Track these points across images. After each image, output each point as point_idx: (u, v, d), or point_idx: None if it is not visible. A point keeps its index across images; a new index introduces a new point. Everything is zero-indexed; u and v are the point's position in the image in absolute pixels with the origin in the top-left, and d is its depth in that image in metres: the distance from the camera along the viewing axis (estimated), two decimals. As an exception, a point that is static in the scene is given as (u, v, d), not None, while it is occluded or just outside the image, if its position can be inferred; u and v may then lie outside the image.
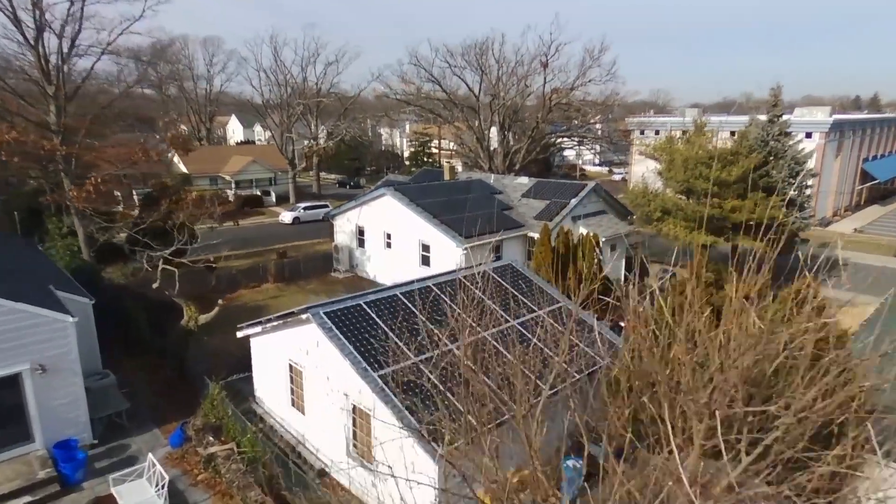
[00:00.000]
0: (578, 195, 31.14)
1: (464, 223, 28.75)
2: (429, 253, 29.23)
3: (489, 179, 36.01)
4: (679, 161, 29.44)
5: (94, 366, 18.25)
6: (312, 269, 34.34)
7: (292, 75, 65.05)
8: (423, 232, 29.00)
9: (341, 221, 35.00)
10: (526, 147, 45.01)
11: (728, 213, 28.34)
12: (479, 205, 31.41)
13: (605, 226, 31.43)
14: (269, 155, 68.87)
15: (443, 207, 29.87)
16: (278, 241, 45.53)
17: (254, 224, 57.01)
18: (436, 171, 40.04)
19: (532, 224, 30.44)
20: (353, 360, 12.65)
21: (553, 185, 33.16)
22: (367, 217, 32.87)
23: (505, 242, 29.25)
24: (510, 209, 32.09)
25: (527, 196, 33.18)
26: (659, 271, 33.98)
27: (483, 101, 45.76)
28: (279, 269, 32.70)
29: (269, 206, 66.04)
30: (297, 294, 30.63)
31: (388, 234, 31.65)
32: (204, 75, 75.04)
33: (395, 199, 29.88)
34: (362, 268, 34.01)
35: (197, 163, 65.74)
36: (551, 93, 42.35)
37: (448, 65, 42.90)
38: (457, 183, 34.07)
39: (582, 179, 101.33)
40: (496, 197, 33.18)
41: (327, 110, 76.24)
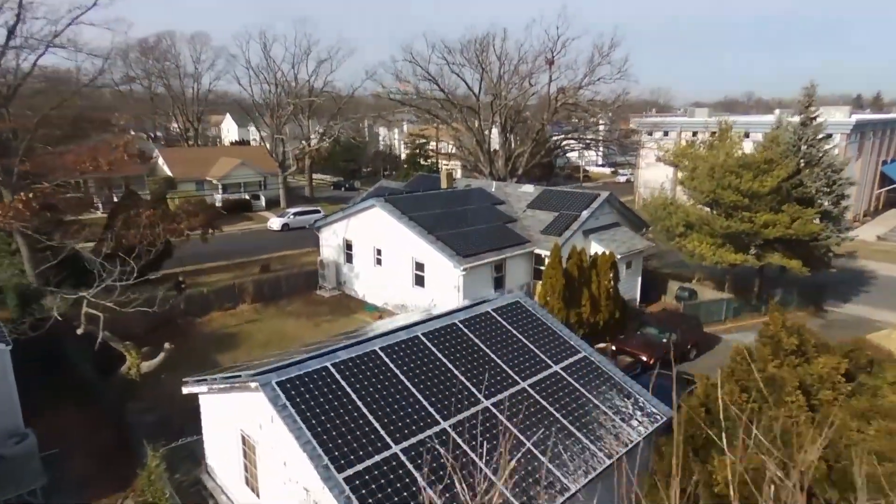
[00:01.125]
0: (590, 207, 27.91)
1: (463, 239, 25.52)
2: (423, 272, 26.03)
3: (490, 188, 32.78)
4: (704, 169, 26.20)
5: (11, 423, 15.02)
6: (296, 287, 31.11)
7: (282, 72, 61.82)
8: (416, 249, 25.79)
9: (327, 234, 31.77)
10: (530, 150, 41.78)
11: (760, 228, 25.13)
12: (479, 217, 28.18)
13: (620, 240, 28.20)
14: (258, 157, 65.62)
15: (439, 221, 26.64)
16: (264, 251, 42.31)
17: (240, 231, 53.78)
18: (432, 178, 36.81)
19: (539, 239, 27.21)
20: (312, 452, 9.42)
21: (561, 195, 29.91)
22: (355, 230, 29.64)
23: (508, 261, 26.03)
24: (514, 222, 28.86)
25: (532, 207, 29.94)
26: (677, 290, 30.81)
27: (483, 100, 42.55)
28: (258, 288, 29.46)
29: (258, 210, 62.82)
30: (275, 318, 27.39)
31: (377, 249, 28.43)
32: (191, 73, 71.74)
33: (386, 211, 26.65)
34: (350, 285, 30.79)
35: (182, 166, 62.59)
36: (557, 92, 39.13)
37: (446, 62, 39.75)
38: (454, 192, 30.84)
39: (585, 181, 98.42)
40: (498, 208, 29.94)
41: (321, 110, 73.03)
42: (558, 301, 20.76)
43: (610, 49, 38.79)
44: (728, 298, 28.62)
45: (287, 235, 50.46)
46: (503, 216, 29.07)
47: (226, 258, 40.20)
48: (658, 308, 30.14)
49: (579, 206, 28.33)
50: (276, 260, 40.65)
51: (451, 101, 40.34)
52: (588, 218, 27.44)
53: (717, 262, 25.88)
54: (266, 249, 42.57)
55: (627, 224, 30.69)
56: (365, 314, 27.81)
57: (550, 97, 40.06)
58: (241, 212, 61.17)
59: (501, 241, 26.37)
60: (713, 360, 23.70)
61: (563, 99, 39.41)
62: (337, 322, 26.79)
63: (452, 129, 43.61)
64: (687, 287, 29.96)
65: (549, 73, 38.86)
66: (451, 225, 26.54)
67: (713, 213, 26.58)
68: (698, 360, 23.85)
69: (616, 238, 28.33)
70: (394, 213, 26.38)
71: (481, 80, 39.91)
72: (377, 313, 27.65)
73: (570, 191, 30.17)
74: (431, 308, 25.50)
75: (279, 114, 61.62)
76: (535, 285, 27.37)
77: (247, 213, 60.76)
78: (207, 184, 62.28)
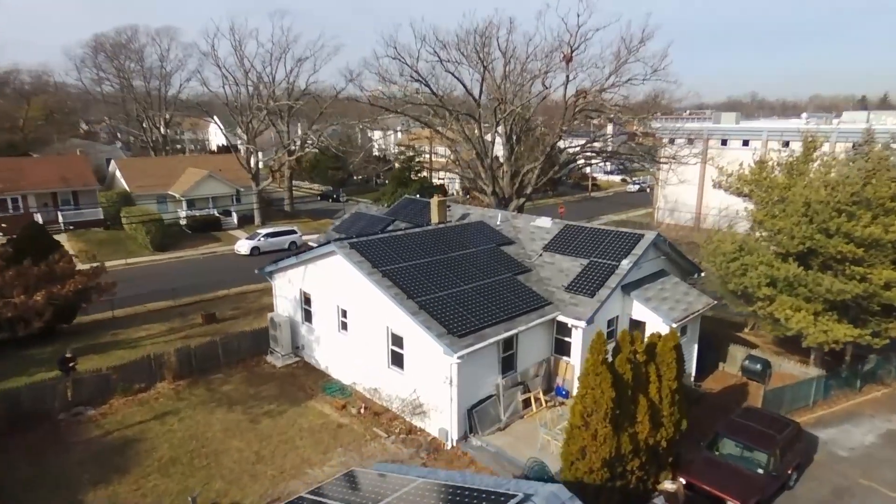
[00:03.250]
0: (631, 254, 20.44)
1: (457, 305, 18.05)
2: (402, 349, 18.58)
3: (495, 219, 25.32)
4: (798, 205, 18.71)
5: None
6: (240, 351, 23.66)
7: (256, 71, 54.34)
8: (392, 318, 18.34)
9: (281, 282, 24.30)
10: (541, 165, 34.33)
11: (880, 289, 17.67)
12: (480, 266, 20.72)
13: (672, 298, 20.76)
14: (230, 167, 58.12)
15: (424, 275, 19.18)
16: (220, 285, 34.88)
17: (203, 255, 46.36)
18: (420, 204, 29.35)
19: (562, 300, 19.76)
20: None
21: (590, 236, 22.40)
22: (314, 280, 22.19)
23: (521, 336, 18.56)
24: (526, 272, 21.38)
25: (551, 249, 22.47)
26: (745, 361, 23.34)
27: (485, 105, 35.11)
28: (183, 360, 21.95)
29: (228, 229, 55.39)
30: (199, 407, 19.86)
31: (342, 310, 20.98)
32: (156, 72, 64.16)
33: (350, 262, 19.17)
34: (310, 352, 23.32)
35: (141, 178, 55.13)
36: (576, 96, 31.71)
37: (438, 59, 32.30)
38: (447, 230, 23.34)
39: (594, 191, 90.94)
40: (505, 251, 22.48)
41: (302, 115, 65.64)
42: (605, 425, 13.33)
43: (640, 43, 31.37)
44: (818, 376, 21.12)
45: (256, 262, 43.02)
46: (512, 263, 21.58)
47: (171, 297, 32.85)
48: (715, 383, 22.68)
49: (616, 251, 20.85)
50: (231, 299, 33.25)
51: (444, 107, 32.89)
52: (630, 269, 19.99)
53: (822, 341, 18.34)
54: (223, 283, 35.14)
55: (674, 269, 23.27)
56: (325, 400, 20.34)
57: (567, 102, 32.59)
58: (210, 231, 53.84)
59: (511, 304, 18.91)
60: (819, 487, 16.30)
61: (582, 104, 31.94)
62: (284, 416, 19.30)
63: (447, 139, 36.14)
64: (758, 357, 22.47)
65: (566, 73, 31.44)
66: (440, 281, 19.08)
67: (809, 267, 19.04)
68: (798, 486, 16.45)
69: (666, 295, 20.86)
70: (361, 266, 18.91)
71: (482, 81, 32.50)
72: (341, 400, 20.18)
73: (602, 229, 22.66)
74: (414, 399, 18.05)
75: (251, 119, 54.17)
76: (557, 362, 19.93)
77: (217, 232, 53.39)
78: (170, 199, 54.85)
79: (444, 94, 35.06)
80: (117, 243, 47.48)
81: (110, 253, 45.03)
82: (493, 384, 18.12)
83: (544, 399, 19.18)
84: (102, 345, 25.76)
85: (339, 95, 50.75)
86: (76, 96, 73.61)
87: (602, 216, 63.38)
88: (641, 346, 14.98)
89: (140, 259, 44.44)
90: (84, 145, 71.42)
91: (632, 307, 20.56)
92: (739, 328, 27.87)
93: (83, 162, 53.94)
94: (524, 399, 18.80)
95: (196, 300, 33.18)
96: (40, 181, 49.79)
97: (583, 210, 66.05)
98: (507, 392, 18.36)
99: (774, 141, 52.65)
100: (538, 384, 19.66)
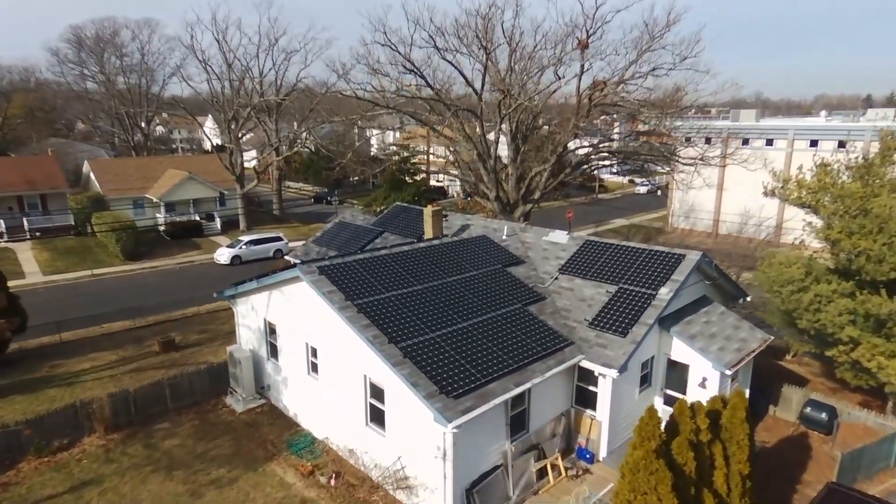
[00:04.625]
0: (671, 279, 16.41)
1: (453, 349, 14.04)
2: (382, 403, 14.56)
3: (500, 232, 21.30)
4: (879, 221, 14.67)
5: None
6: (192, 393, 19.67)
7: (241, 63, 50.31)
8: (371, 365, 14.32)
9: (244, 308, 20.29)
10: (551, 168, 30.30)
11: None
12: (483, 293, 16.71)
13: (721, 334, 16.74)
14: (216, 168, 54.11)
15: (412, 309, 15.17)
16: (190, 301, 30.92)
17: (179, 265, 42.40)
18: (414, 212, 25.35)
19: (588, 340, 15.74)
20: None
21: (618, 255, 18.34)
22: (279, 310, 18.18)
23: (535, 389, 14.52)
24: (540, 300, 17.36)
25: (569, 272, 18.43)
26: (807, 408, 19.30)
27: (488, 99, 31.10)
28: (120, 406, 17.95)
29: (211, 234, 51.43)
30: (130, 473, 15.84)
31: (312, 348, 16.97)
32: (137, 67, 60.10)
33: (319, 293, 15.14)
34: (276, 395, 19.32)
35: (117, 181, 51.13)
36: (592, 88, 27.68)
37: (435, 46, 28.28)
38: (443, 248, 19.30)
39: (601, 192, 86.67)
40: (513, 273, 18.45)
41: (292, 112, 61.71)
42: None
43: (665, 28, 27.31)
44: None
45: (236, 272, 39.13)
46: (522, 290, 17.55)
47: (130, 316, 28.92)
48: (768, 434, 18.60)
49: (651, 276, 16.81)
50: (200, 320, 29.29)
51: (442, 101, 28.86)
52: (670, 300, 15.96)
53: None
54: (194, 299, 31.17)
55: (716, 293, 19.26)
56: (290, 461, 16.33)
57: (581, 95, 28.54)
58: (190, 237, 49.85)
59: (523, 346, 14.89)
60: None
61: (599, 98, 27.88)
62: (235, 485, 15.29)
63: (445, 137, 32.12)
64: (821, 403, 18.38)
65: (580, 61, 27.37)
66: (432, 317, 15.06)
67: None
68: None
69: (713, 330, 16.83)
70: (332, 297, 14.88)
71: (485, 71, 28.45)
72: (310, 461, 16.17)
73: (632, 248, 18.55)
74: (398, 471, 14.05)
75: (233, 116, 50.17)
76: (579, 417, 15.89)
77: (196, 240, 49.39)
78: (148, 203, 50.87)
79: (441, 88, 31.03)
80: (86, 252, 43.53)
81: (76, 263, 41.17)
82: (500, 452, 14.11)
83: (563, 466, 15.16)
84: (35, 381, 21.74)
85: (330, 91, 46.77)
86: (59, 93, 69.64)
87: (612, 220, 59.46)
88: (704, 421, 10.96)
89: (108, 270, 40.50)
90: (63, 145, 67.55)
91: (671, 345, 16.54)
92: (779, 354, 23.82)
93: (52, 163, 49.96)
94: (539, 468, 14.78)
95: (161, 320, 29.26)
96: (3, 184, 45.80)
97: (590, 213, 62.05)
98: (517, 461, 14.35)
99: (802, 140, 48.60)
100: (555, 445, 15.65)
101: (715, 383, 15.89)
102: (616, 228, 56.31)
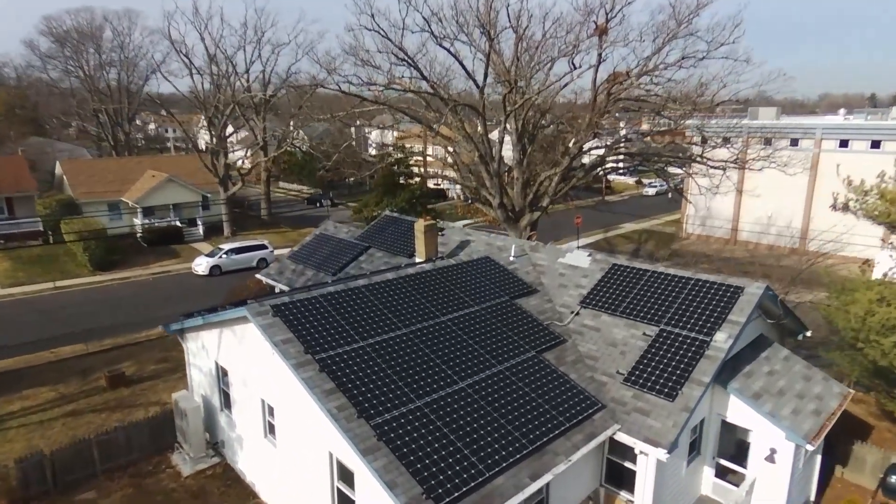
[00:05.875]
0: (728, 319, 12.76)
1: (445, 429, 10.40)
2: (352, 491, 10.92)
3: (506, 251, 17.65)
4: None
5: None
6: (129, 450, 16.07)
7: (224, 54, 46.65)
8: (338, 445, 10.67)
9: (194, 346, 16.67)
10: (562, 172, 26.65)
11: None
12: (486, 337, 13.06)
13: (791, 389, 13.09)
14: (198, 170, 50.50)
15: (392, 365, 11.53)
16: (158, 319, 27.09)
17: (153, 276, 38.81)
18: (404, 223, 21.71)
19: (622, 402, 12.09)
20: None
21: (653, 284, 14.67)
22: (231, 353, 14.56)
23: (554, 482, 10.88)
24: (559, 344, 13.70)
25: (594, 304, 14.77)
26: (889, 476, 15.67)
27: (490, 93, 27.49)
28: (32, 474, 14.35)
29: (193, 241, 47.87)
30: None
31: (269, 405, 13.33)
32: (114, 61, 56.47)
33: (272, 343, 11.49)
34: (231, 454, 15.70)
35: (91, 183, 47.56)
36: (611, 80, 24.05)
37: (430, 33, 24.64)
38: (436, 274, 15.62)
39: (608, 193, 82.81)
40: (524, 306, 14.79)
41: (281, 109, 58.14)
42: None
43: (694, 12, 23.65)
44: None
45: (215, 284, 35.63)
46: (536, 331, 13.90)
47: (86, 338, 25.48)
48: None
49: (701, 314, 13.14)
50: (163, 345, 25.60)
51: (438, 95, 25.21)
52: (730, 348, 12.31)
53: None
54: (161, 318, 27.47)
55: (774, 332, 15.63)
56: (237, 552, 12.72)
57: (597, 88, 24.88)
58: (170, 243, 46.29)
59: (539, 416, 11.25)
60: None
61: (619, 92, 24.20)
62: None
63: (443, 137, 28.50)
64: None
65: (599, 50, 23.72)
66: (419, 376, 11.43)
67: None
68: None
69: (780, 383, 13.16)
70: (287, 351, 11.24)
71: (487, 62, 24.80)
72: (262, 554, 12.55)
73: (673, 276, 14.84)
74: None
75: (214, 113, 46.56)
76: (611, 501, 12.24)
77: (176, 247, 45.81)
78: (124, 206, 47.30)
79: (438, 81, 27.38)
80: (52, 261, 39.99)
81: (40, 273, 37.65)
82: (509, 563, 10.48)
83: (593, 570, 11.54)
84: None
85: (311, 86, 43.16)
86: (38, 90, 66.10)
87: (621, 225, 55.83)
88: None
89: (74, 281, 36.94)
90: (41, 144, 64.02)
91: (726, 405, 12.90)
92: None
93: (21, 163, 46.37)
94: (561, 578, 11.16)
95: (120, 343, 25.77)
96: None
97: (598, 217, 58.33)
98: (532, 572, 10.73)
99: (830, 140, 44.90)
100: (581, 538, 12.04)
101: (788, 457, 12.26)
102: (627, 234, 52.69)
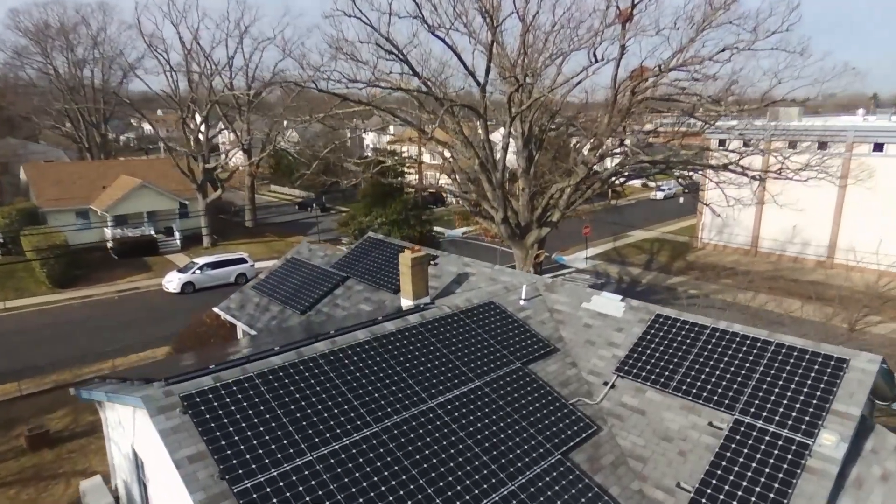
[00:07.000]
0: (832, 411, 9.06)
1: None
2: None
3: (515, 293, 13.90)
4: None
5: None
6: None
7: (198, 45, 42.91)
8: None
9: (112, 417, 12.97)
10: (575, 184, 22.94)
11: None
12: (493, 432, 9.34)
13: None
14: (175, 174, 46.81)
15: (356, 496, 7.81)
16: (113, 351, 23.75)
17: (119, 294, 35.15)
18: (389, 248, 18.01)
19: (688, 536, 8.39)
20: None
21: (716, 346, 10.93)
22: (146, 440, 10.82)
23: None
24: (590, 435, 9.97)
25: (635, 374, 11.03)
26: None
27: (492, 91, 23.75)
28: None
29: (169, 252, 44.21)
30: None
31: (189, 525, 9.60)
32: (88, 59, 52.76)
33: (173, 461, 7.76)
34: (155, 566, 11.98)
35: (58, 190, 43.82)
36: (636, 76, 20.37)
37: (422, 20, 20.94)
38: (425, 331, 11.88)
39: (615, 197, 78.90)
40: (540, 374, 11.06)
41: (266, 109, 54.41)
42: None
43: (733, -4, 19.93)
44: None
45: (187, 303, 32.06)
46: (559, 417, 10.16)
47: (23, 374, 21.95)
48: None
49: (793, 400, 9.42)
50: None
51: (432, 94, 21.52)
52: (845, 457, 8.60)
53: None
54: (119, 347, 23.98)
55: (867, 408, 11.87)
56: None
57: (618, 86, 21.16)
58: (144, 255, 42.65)
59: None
60: None
61: (645, 90, 20.48)
62: None
63: (438, 142, 24.77)
64: None
65: (621, 41, 20.01)
66: (396, 505, 7.69)
67: None
68: None
69: (900, 495, 9.45)
70: (193, 476, 7.50)
71: (490, 55, 21.11)
72: None
73: (739, 334, 11.13)
74: None
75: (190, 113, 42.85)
76: None
77: (149, 259, 42.13)
78: (93, 215, 43.59)
79: (432, 78, 23.64)
80: (8, 277, 36.30)
81: (-8, 291, 34.02)
82: None
83: None
84: None
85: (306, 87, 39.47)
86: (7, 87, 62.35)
87: (630, 233, 52.12)
88: None
89: (29, 301, 33.30)
90: (14, 146, 60.26)
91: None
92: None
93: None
94: None
95: (62, 382, 22.18)
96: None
97: (606, 224, 54.54)
98: None
99: (863, 144, 41.24)
100: None
101: None
102: (638, 243, 49.03)
